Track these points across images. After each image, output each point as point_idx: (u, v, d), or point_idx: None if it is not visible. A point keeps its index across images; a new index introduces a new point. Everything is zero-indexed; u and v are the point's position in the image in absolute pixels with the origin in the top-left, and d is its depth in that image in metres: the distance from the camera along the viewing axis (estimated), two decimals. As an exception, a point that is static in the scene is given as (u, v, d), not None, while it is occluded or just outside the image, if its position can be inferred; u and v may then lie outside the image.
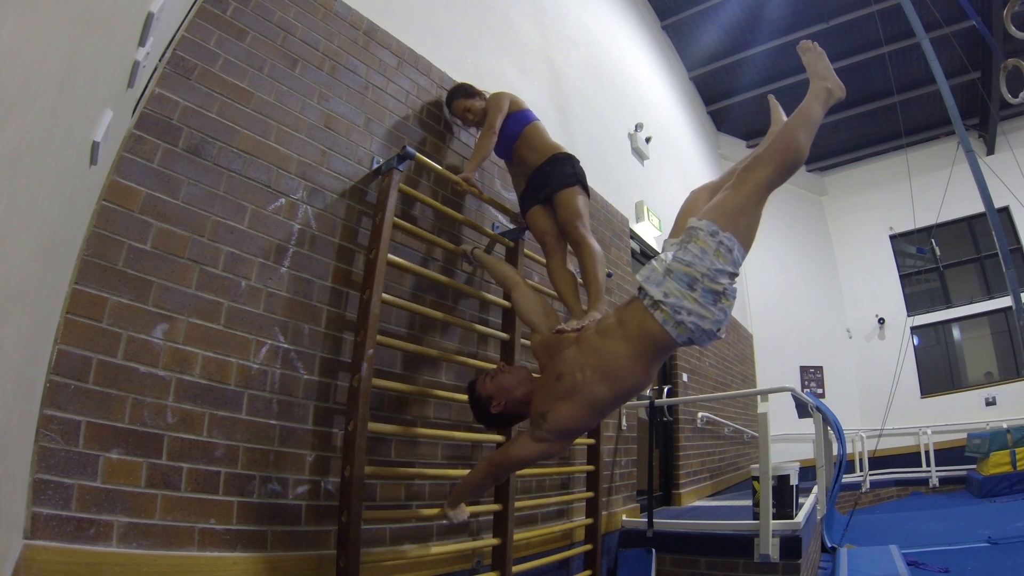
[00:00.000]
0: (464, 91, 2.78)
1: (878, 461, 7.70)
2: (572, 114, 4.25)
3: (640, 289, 1.61)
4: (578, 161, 2.68)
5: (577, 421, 1.66)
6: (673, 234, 1.79)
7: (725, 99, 8.98)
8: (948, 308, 9.33)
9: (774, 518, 3.16)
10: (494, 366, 2.02)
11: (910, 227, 8.32)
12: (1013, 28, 4.44)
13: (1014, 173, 6.47)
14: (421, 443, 2.38)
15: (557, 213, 2.56)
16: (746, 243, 1.56)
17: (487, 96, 2.80)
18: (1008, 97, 4.79)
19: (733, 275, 1.55)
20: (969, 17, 5.76)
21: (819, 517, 4.27)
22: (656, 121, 6.18)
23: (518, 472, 2.63)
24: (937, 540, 4.93)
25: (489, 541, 2.49)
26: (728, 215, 1.55)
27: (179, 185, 1.73)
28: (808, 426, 4.72)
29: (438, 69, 2.96)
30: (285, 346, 1.94)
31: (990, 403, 8.35)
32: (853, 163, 10.31)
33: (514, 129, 2.70)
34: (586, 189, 2.61)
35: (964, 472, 7.60)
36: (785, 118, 2.20)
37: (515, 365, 1.96)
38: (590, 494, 3.27)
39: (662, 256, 1.63)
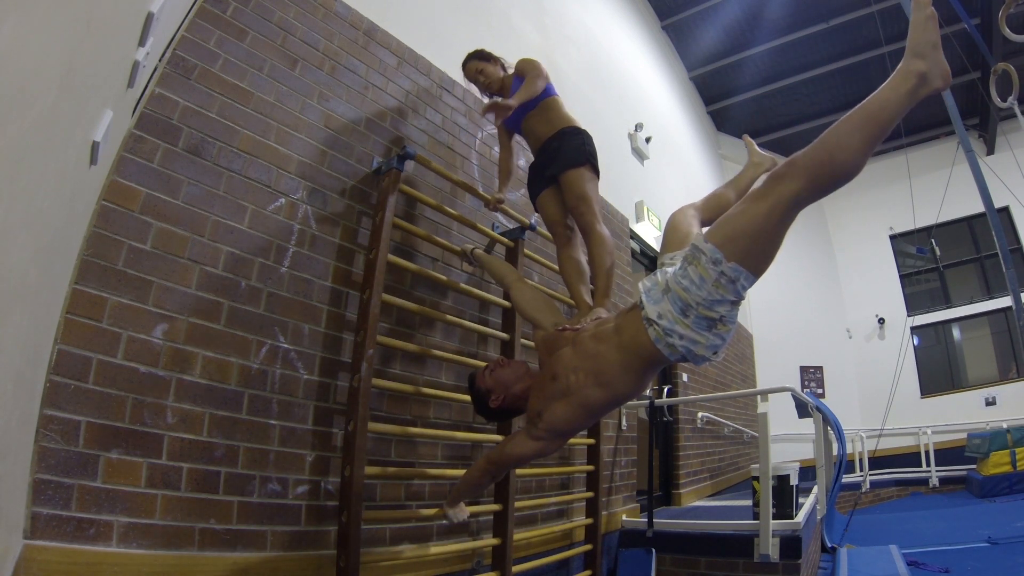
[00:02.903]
0: (480, 54, 2.64)
1: (878, 461, 7.70)
2: (572, 114, 4.24)
3: (640, 299, 1.54)
4: (590, 137, 2.46)
5: (572, 422, 1.66)
6: (664, 249, 1.71)
7: (725, 99, 8.98)
8: (948, 308, 9.33)
9: (774, 518, 3.16)
10: (495, 360, 2.01)
11: (910, 227, 8.32)
12: (1008, 31, 4.43)
13: (1014, 173, 6.46)
14: (421, 443, 2.38)
15: (564, 196, 2.37)
16: (757, 270, 1.35)
17: (505, 63, 2.66)
18: (997, 101, 4.80)
19: (735, 303, 1.39)
20: (970, 17, 5.76)
21: (819, 517, 4.27)
22: (656, 121, 6.18)
23: (518, 472, 2.63)
24: (937, 540, 4.92)
25: (489, 541, 2.49)
26: (737, 239, 1.31)
27: (179, 185, 1.73)
28: (808, 426, 4.72)
29: (438, 69, 2.96)
30: (285, 346, 1.94)
31: (990, 403, 8.35)
32: (853, 163, 10.30)
33: (534, 99, 2.47)
34: (596, 170, 2.39)
35: (964, 472, 7.60)
36: (761, 155, 2.11)
37: (514, 360, 1.94)
38: (590, 494, 3.27)
39: (667, 269, 1.53)
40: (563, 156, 2.35)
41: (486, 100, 2.77)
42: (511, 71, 2.61)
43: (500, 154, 2.80)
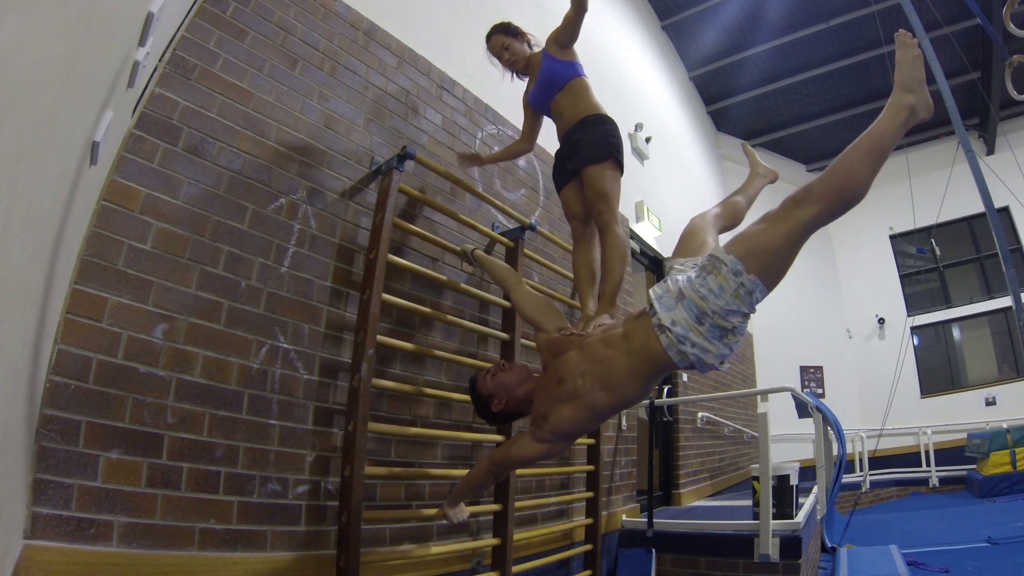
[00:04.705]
0: (507, 28, 2.50)
1: (878, 461, 7.70)
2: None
3: (651, 305, 1.55)
4: (615, 125, 2.31)
5: (578, 424, 1.67)
6: (677, 254, 1.72)
7: (725, 99, 8.97)
8: (948, 308, 9.33)
9: (774, 518, 3.16)
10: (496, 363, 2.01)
11: (910, 227, 8.32)
12: (1013, 26, 4.43)
13: (1014, 173, 6.46)
14: (421, 443, 2.38)
15: (584, 191, 2.27)
16: (771, 284, 1.44)
17: (532, 40, 2.53)
18: (1014, 94, 4.77)
19: (746, 315, 1.46)
20: (969, 17, 5.76)
21: (819, 517, 4.27)
22: (656, 121, 6.18)
23: (518, 472, 2.63)
24: (937, 540, 4.92)
25: (489, 541, 2.49)
26: (758, 254, 1.40)
27: (179, 185, 1.73)
28: (808, 426, 4.72)
29: (438, 69, 2.96)
30: (285, 346, 1.94)
31: (990, 403, 8.35)
32: (853, 163, 10.29)
33: (564, 77, 2.37)
34: (620, 164, 2.26)
35: (964, 472, 7.60)
36: (765, 166, 2.16)
37: (515, 363, 1.94)
38: (590, 494, 3.27)
39: (678, 277, 1.55)
40: (585, 149, 2.24)
41: (507, 78, 2.65)
42: (538, 49, 2.50)
43: (520, 137, 2.68)
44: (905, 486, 7.96)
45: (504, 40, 2.48)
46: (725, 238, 1.77)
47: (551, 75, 2.39)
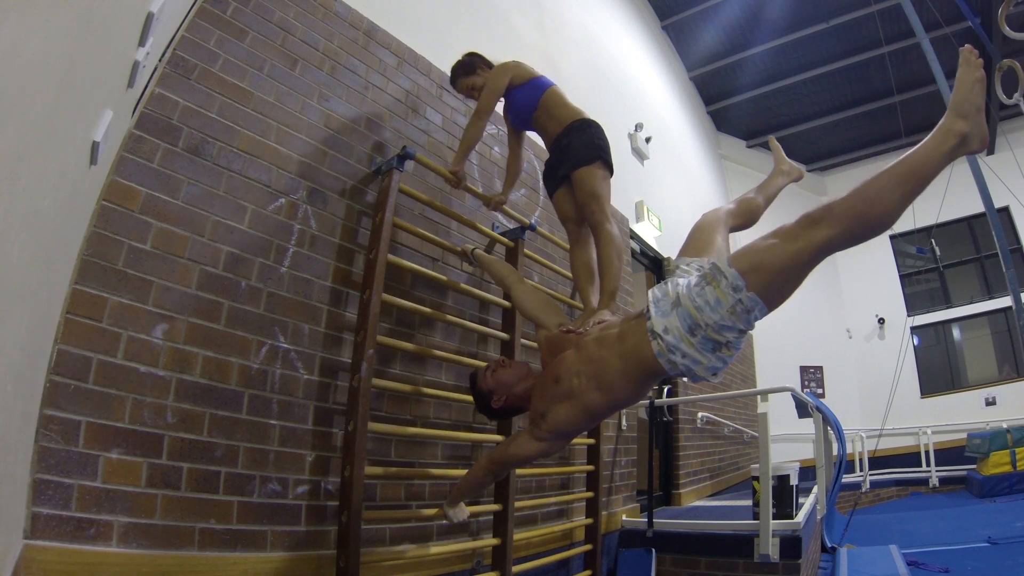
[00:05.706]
0: (464, 68, 2.55)
1: (878, 461, 7.70)
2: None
3: (648, 309, 1.52)
4: (600, 128, 2.36)
5: (574, 423, 1.67)
6: (684, 252, 1.71)
7: (725, 99, 8.98)
8: (948, 308, 9.33)
9: (774, 518, 3.16)
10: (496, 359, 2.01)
11: (910, 227, 8.31)
12: (1007, 29, 4.42)
13: (1014, 173, 6.46)
14: (421, 443, 2.38)
15: (575, 194, 2.33)
16: (772, 304, 1.35)
17: (492, 63, 2.57)
18: (1003, 98, 4.78)
19: (743, 332, 1.39)
20: (969, 17, 5.76)
21: (819, 517, 4.27)
22: (656, 121, 6.18)
23: (518, 472, 2.64)
24: (937, 540, 4.92)
25: (489, 541, 2.49)
26: (762, 272, 1.31)
27: (179, 185, 1.73)
28: (808, 426, 4.72)
29: (438, 69, 2.96)
30: (285, 346, 1.94)
31: (990, 403, 8.35)
32: (853, 163, 10.31)
33: (530, 101, 2.43)
34: (609, 164, 2.32)
35: (964, 472, 7.60)
36: (790, 164, 2.09)
37: (515, 360, 1.94)
38: (590, 494, 3.27)
39: (679, 280, 1.51)
40: (573, 154, 2.30)
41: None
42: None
43: (508, 156, 2.75)
44: (905, 486, 7.97)
45: (466, 82, 2.55)
46: (737, 238, 1.76)
47: (517, 102, 2.48)
